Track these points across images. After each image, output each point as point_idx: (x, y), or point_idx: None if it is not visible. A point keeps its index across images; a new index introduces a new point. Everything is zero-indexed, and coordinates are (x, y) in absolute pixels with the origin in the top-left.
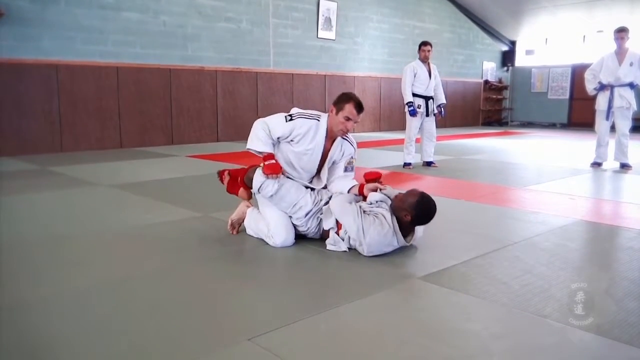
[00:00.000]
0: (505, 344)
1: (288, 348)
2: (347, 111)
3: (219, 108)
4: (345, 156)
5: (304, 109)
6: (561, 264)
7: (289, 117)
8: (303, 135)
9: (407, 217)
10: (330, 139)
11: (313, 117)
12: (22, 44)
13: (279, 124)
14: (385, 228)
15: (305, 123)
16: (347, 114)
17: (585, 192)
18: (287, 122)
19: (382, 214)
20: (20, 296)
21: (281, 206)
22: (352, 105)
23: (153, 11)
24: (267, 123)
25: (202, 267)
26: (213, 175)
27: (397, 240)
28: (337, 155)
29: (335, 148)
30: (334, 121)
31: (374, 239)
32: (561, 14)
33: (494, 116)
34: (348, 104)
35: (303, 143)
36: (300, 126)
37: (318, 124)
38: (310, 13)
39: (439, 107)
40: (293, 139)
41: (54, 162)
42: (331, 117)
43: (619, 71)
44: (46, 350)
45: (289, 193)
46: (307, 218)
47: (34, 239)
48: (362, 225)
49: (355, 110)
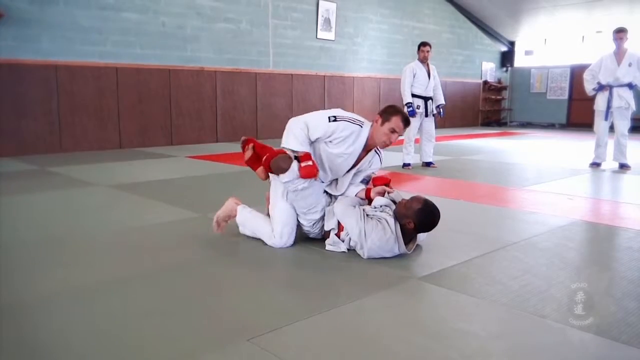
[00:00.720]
0: (505, 344)
1: (288, 349)
2: (393, 123)
3: (219, 108)
4: (371, 168)
5: (347, 113)
6: (560, 264)
7: (333, 118)
8: (343, 139)
9: (410, 224)
10: (366, 149)
11: (356, 123)
12: (21, 44)
13: (321, 125)
14: (387, 234)
15: (348, 127)
16: (394, 126)
17: (584, 192)
18: (330, 123)
19: (385, 219)
20: (19, 296)
21: (299, 204)
22: (400, 119)
23: (152, 12)
24: (306, 122)
25: (201, 267)
26: (212, 176)
27: (398, 247)
28: (366, 166)
29: (367, 158)
30: (378, 132)
31: (375, 244)
32: (560, 14)
33: (493, 117)
34: (396, 116)
35: (341, 146)
36: (343, 129)
37: (360, 130)
38: (310, 14)
39: (438, 107)
40: (332, 140)
41: (54, 162)
42: (375, 127)
43: (618, 71)
44: (46, 351)
45: (312, 195)
46: (317, 221)
47: (33, 240)
48: (365, 228)
49: (403, 123)
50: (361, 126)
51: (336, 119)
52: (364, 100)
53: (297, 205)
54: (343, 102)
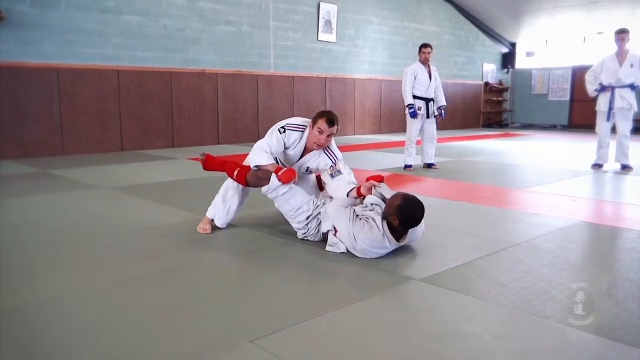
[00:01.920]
0: (507, 345)
1: (289, 350)
2: (319, 124)
3: (220, 111)
4: (323, 167)
5: (295, 118)
6: (562, 265)
7: (282, 130)
8: (289, 145)
9: (395, 221)
10: (307, 150)
11: (299, 129)
12: (23, 47)
13: (277, 139)
14: (374, 232)
15: (294, 135)
16: (320, 127)
17: (586, 193)
18: (281, 134)
19: (372, 218)
20: (21, 299)
21: (285, 209)
22: (324, 120)
23: (153, 14)
24: (267, 143)
25: (202, 269)
26: (213, 178)
27: (389, 242)
28: (312, 163)
29: (311, 156)
30: (311, 135)
31: (365, 243)
32: (561, 15)
33: (494, 118)
34: (321, 119)
35: (288, 150)
36: (290, 136)
37: (302, 135)
38: (311, 16)
39: (439, 109)
40: (288, 147)
41: (55, 165)
42: (310, 131)
43: (620, 72)
44: (47, 353)
45: (294, 197)
46: (307, 221)
47: (35, 242)
48: (353, 230)
49: (327, 124)
50: (302, 131)
51: (285, 129)
52: (365, 102)
53: (284, 210)
54: (344, 104)
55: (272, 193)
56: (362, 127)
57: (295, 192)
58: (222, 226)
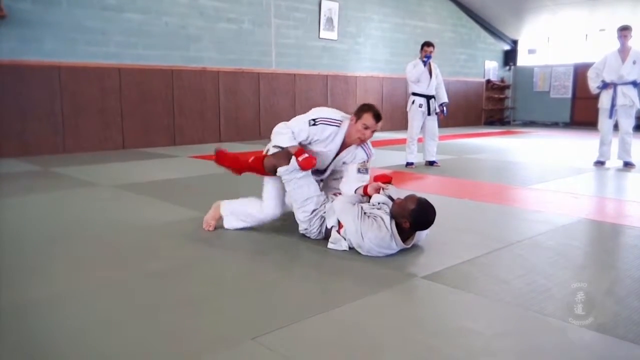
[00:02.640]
0: (508, 342)
1: (291, 347)
2: (365, 119)
3: (221, 108)
4: (356, 159)
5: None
6: (564, 262)
7: (313, 122)
8: (322, 140)
9: (405, 224)
10: (344, 146)
11: (334, 124)
12: (24, 45)
13: (303, 129)
14: (382, 232)
15: (327, 129)
16: (365, 122)
17: (589, 190)
18: (310, 127)
19: (380, 217)
20: (23, 296)
21: (295, 196)
22: (371, 115)
23: (155, 12)
24: (290, 127)
25: (204, 266)
26: (215, 176)
27: (395, 244)
28: (348, 158)
29: (348, 151)
30: (353, 129)
31: (372, 242)
32: (563, 12)
33: (496, 115)
34: (367, 113)
35: (319, 145)
36: (322, 132)
37: (338, 130)
38: (312, 13)
39: (441, 106)
40: (310, 141)
41: (57, 163)
42: (351, 125)
43: (622, 69)
44: (50, 350)
45: (308, 186)
46: (312, 215)
47: (37, 240)
48: (361, 227)
49: (374, 119)
50: (338, 126)
51: (315, 122)
52: (366, 99)
53: (293, 197)
54: (346, 102)
55: (289, 175)
56: None
57: (310, 182)
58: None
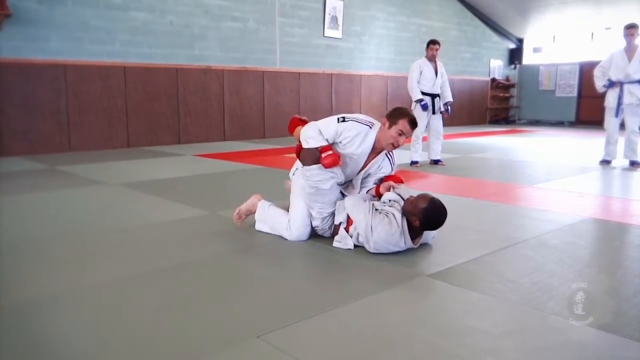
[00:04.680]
0: (516, 341)
1: (297, 345)
2: (401, 125)
3: (226, 107)
4: (380, 171)
5: (359, 114)
6: (570, 261)
7: (342, 119)
8: (351, 139)
9: (416, 222)
10: (375, 151)
11: (365, 123)
12: (29, 44)
13: (332, 126)
14: (393, 228)
15: (356, 127)
16: (401, 129)
17: (595, 189)
18: (339, 123)
19: (392, 214)
20: (25, 295)
21: (314, 203)
22: (407, 121)
23: (160, 11)
24: (318, 126)
25: (210, 264)
26: (220, 174)
27: (404, 241)
28: (375, 169)
29: (376, 161)
30: (385, 134)
31: (381, 237)
32: (569, 11)
33: (501, 114)
34: (403, 119)
35: (350, 146)
36: (350, 129)
37: (369, 130)
38: (317, 12)
39: (445, 104)
40: (341, 140)
41: (63, 161)
42: (383, 130)
43: (629, 68)
44: (54, 348)
45: (329, 194)
46: (328, 215)
47: (43, 238)
48: (371, 222)
49: (410, 126)
50: (370, 127)
51: (345, 119)
52: (371, 98)
53: (313, 199)
54: (350, 100)
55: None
56: None
57: (333, 190)
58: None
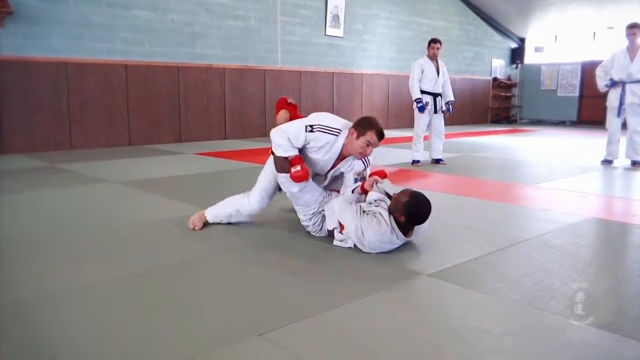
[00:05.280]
0: (516, 341)
1: (298, 344)
2: (369, 137)
3: (227, 105)
4: (354, 169)
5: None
6: (573, 261)
7: (310, 128)
8: (318, 148)
9: (401, 218)
10: (341, 157)
11: (332, 133)
12: (31, 41)
13: (300, 134)
14: (383, 227)
15: (323, 137)
16: (369, 140)
17: (596, 189)
18: (307, 133)
19: (380, 213)
20: (26, 292)
21: (296, 203)
22: (374, 133)
23: (161, 9)
24: (286, 132)
25: (211, 263)
26: (220, 173)
27: (396, 237)
28: (346, 168)
29: (347, 161)
30: (354, 144)
31: (372, 237)
32: (571, 10)
33: (502, 114)
34: (371, 131)
35: (317, 153)
36: (318, 139)
37: (335, 140)
38: (318, 10)
39: (447, 104)
40: (309, 148)
41: (63, 159)
42: (350, 139)
43: (631, 67)
44: (57, 345)
45: (306, 196)
46: (312, 215)
47: (43, 236)
48: (360, 224)
49: (377, 138)
50: (337, 135)
51: (313, 129)
52: (372, 97)
53: (295, 204)
54: (351, 99)
55: (285, 186)
56: None
57: (307, 192)
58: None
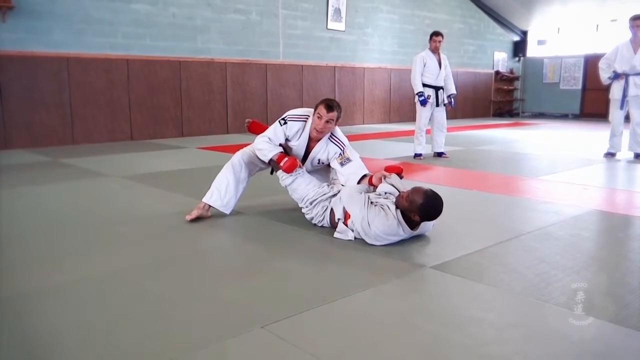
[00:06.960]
0: (520, 332)
1: (301, 336)
2: (318, 110)
3: (229, 100)
4: (332, 155)
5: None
6: (575, 253)
7: (283, 122)
8: (293, 135)
9: (415, 217)
10: (314, 140)
11: (301, 119)
12: (32, 36)
13: (278, 131)
14: (389, 219)
15: (295, 125)
16: (319, 112)
17: (599, 182)
18: (282, 126)
19: (387, 205)
20: (29, 286)
21: (293, 195)
22: (323, 106)
23: (162, 3)
24: (265, 134)
25: (214, 255)
26: (222, 167)
27: (403, 230)
28: (322, 154)
29: (319, 147)
30: (313, 123)
31: (379, 229)
32: (573, 3)
33: (505, 107)
34: (320, 105)
35: (294, 140)
36: (292, 127)
37: (304, 124)
38: (320, 4)
39: (449, 97)
40: (289, 138)
41: (66, 154)
42: (312, 120)
43: (634, 60)
44: (59, 340)
45: (300, 187)
46: (312, 206)
47: (45, 230)
48: (367, 216)
49: (325, 109)
50: (305, 121)
51: (285, 120)
52: (374, 90)
53: (293, 196)
54: (353, 93)
55: (282, 182)
56: (371, 117)
57: (301, 183)
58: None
